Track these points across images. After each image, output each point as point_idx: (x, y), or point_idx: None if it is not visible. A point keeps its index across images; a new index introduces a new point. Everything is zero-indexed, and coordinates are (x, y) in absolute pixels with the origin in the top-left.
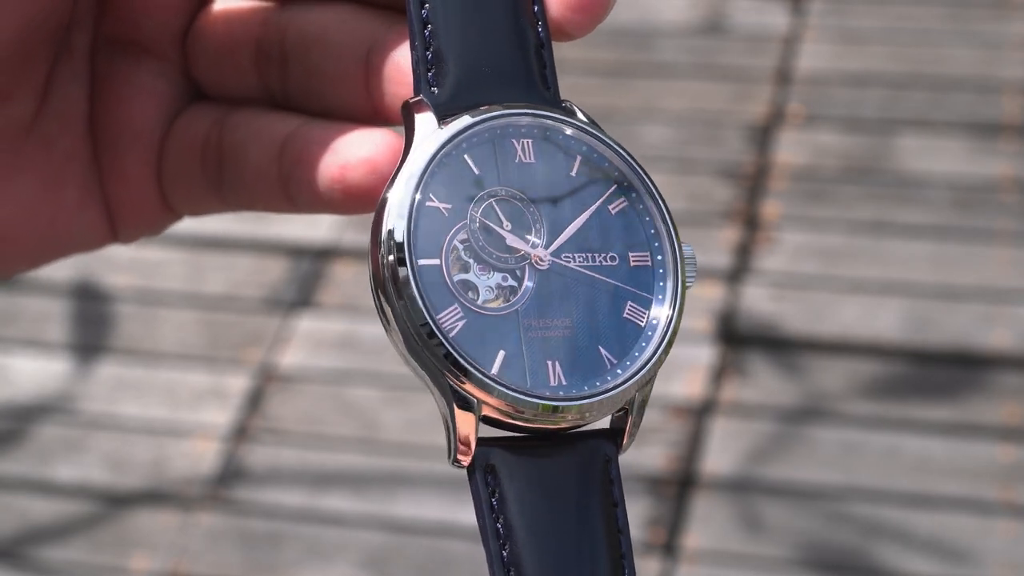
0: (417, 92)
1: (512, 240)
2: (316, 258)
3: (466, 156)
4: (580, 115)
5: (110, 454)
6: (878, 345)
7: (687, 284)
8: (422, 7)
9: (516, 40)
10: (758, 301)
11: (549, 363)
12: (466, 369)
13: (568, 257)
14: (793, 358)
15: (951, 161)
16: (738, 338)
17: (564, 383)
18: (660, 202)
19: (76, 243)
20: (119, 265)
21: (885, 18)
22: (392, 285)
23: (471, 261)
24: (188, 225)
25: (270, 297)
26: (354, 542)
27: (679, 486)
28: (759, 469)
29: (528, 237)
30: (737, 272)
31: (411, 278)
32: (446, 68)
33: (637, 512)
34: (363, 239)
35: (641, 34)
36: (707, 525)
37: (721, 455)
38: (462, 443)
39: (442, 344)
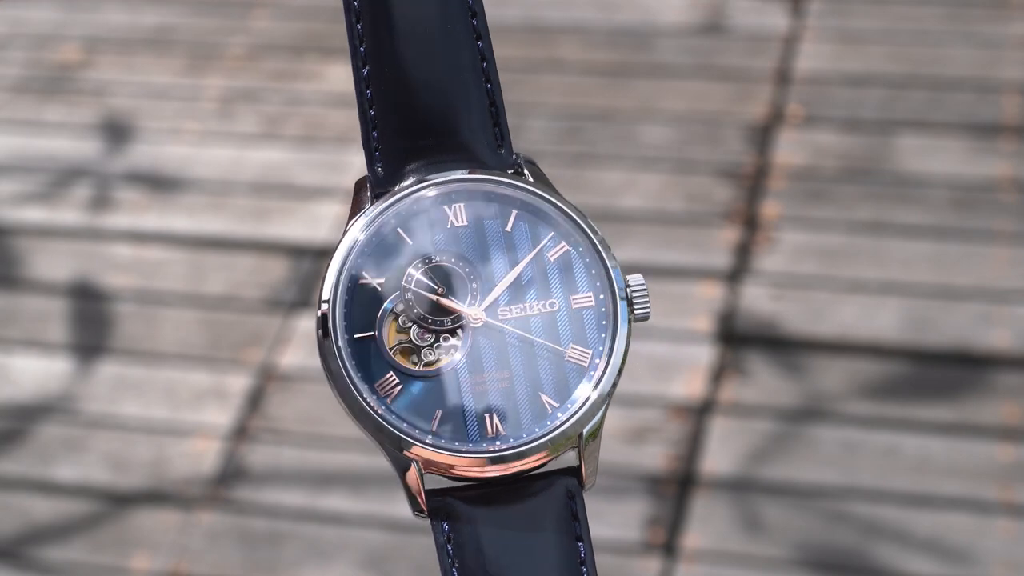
0: (368, 169)
1: (445, 303)
2: (316, 258)
3: (398, 229)
4: (527, 173)
5: (111, 454)
6: (878, 345)
7: (641, 315)
8: (367, 88)
9: (461, 108)
10: (758, 301)
11: (487, 416)
12: (398, 436)
13: (504, 311)
14: (793, 358)
15: (950, 161)
16: (738, 338)
17: (502, 433)
18: (598, 244)
19: None
20: (119, 265)
21: (885, 18)
22: (326, 361)
23: (411, 327)
24: (189, 225)
25: (270, 297)
26: (354, 542)
27: (679, 486)
28: (759, 469)
29: (463, 297)
30: (737, 272)
31: (339, 359)
32: (390, 146)
33: (637, 512)
34: None
35: (641, 34)
36: (707, 525)
37: (721, 455)
38: (411, 498)
39: (373, 418)
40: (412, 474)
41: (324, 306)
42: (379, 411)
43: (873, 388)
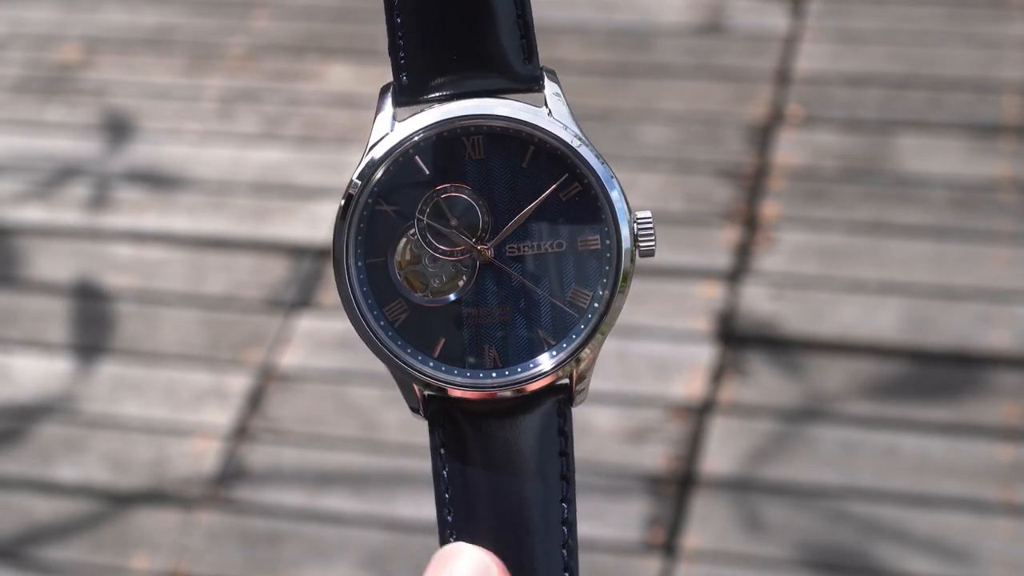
0: (393, 77)
1: (455, 236)
2: (316, 258)
3: (416, 158)
4: (550, 90)
5: (111, 454)
6: (877, 345)
7: (646, 250)
8: None
9: (488, 19)
10: (758, 301)
11: (487, 347)
12: (399, 364)
13: (513, 248)
14: (793, 358)
15: (950, 161)
16: (738, 338)
17: (499, 365)
18: (606, 185)
19: None
20: (120, 265)
21: (884, 18)
22: (338, 280)
23: (421, 255)
24: (189, 225)
25: (270, 297)
26: (354, 542)
27: (679, 486)
28: (759, 469)
29: (474, 231)
30: (737, 272)
31: (348, 283)
32: (415, 56)
33: (637, 512)
34: None
35: (641, 34)
36: (707, 525)
37: (721, 455)
38: (412, 408)
39: (376, 344)
40: (412, 393)
41: (334, 232)
42: (383, 337)
43: (873, 388)
